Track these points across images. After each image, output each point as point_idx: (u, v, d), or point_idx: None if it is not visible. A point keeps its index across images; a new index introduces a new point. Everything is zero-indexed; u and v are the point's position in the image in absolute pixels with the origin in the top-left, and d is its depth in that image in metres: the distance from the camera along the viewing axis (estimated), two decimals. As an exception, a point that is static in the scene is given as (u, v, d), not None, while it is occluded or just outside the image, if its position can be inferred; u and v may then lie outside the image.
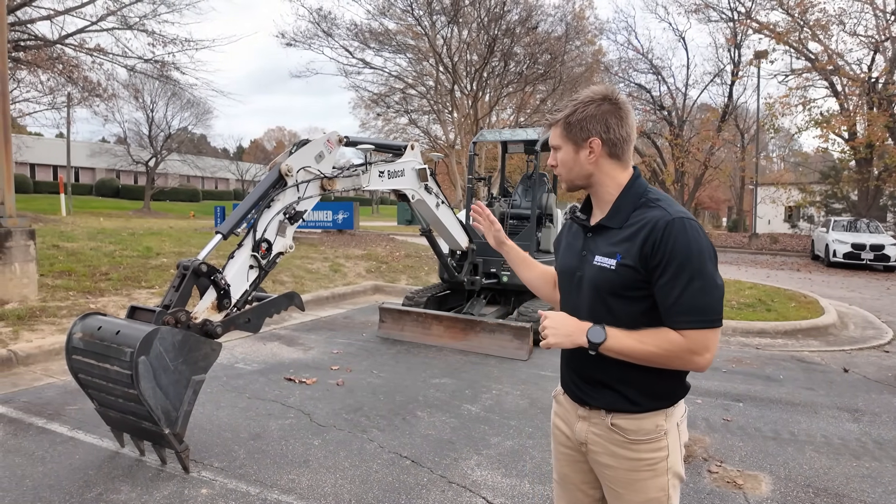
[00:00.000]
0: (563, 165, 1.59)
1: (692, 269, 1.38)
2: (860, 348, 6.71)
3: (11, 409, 4.06)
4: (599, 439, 1.56)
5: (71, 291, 7.25)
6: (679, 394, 1.56)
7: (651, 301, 1.45)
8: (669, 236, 1.39)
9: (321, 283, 9.51)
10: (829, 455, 3.70)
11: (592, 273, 1.51)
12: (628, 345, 1.43)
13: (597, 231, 1.56)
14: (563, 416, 1.70)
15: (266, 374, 5.09)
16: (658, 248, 1.40)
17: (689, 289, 1.38)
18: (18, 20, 17.12)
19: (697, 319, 1.38)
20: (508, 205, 7.76)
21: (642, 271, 1.43)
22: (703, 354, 1.40)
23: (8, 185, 6.76)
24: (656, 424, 1.51)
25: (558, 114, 1.58)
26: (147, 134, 37.47)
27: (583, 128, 1.52)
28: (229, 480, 3.15)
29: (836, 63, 21.06)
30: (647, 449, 1.52)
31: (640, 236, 1.43)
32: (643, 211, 1.48)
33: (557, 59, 24.87)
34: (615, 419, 1.53)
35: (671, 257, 1.39)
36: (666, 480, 1.53)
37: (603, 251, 1.50)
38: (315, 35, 24.74)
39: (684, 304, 1.39)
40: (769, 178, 33.54)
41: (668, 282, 1.40)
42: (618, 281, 1.46)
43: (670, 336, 1.41)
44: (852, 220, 18.71)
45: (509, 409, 4.37)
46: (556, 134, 1.58)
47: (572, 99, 1.57)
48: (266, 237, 3.78)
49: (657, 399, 1.52)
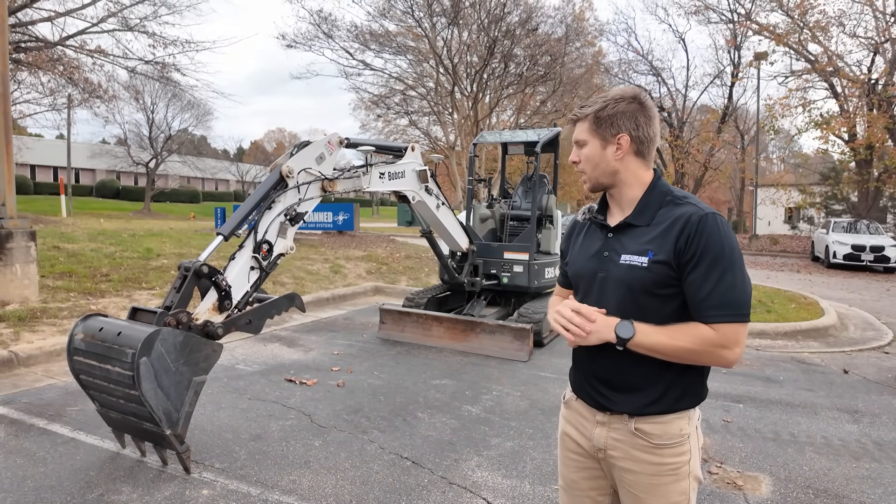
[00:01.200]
0: (588, 161, 1.55)
1: (724, 263, 1.39)
2: (860, 349, 6.71)
3: (13, 410, 4.06)
4: (621, 444, 1.53)
5: (72, 292, 7.26)
6: (703, 393, 1.55)
7: (681, 299, 1.45)
8: (703, 231, 1.40)
9: (322, 285, 9.52)
10: (829, 456, 3.71)
11: (621, 272, 1.49)
12: (658, 340, 1.41)
13: (620, 230, 1.54)
14: (575, 423, 1.65)
15: (267, 375, 5.10)
16: (692, 242, 1.40)
17: (721, 282, 1.38)
18: (19, 21, 17.14)
19: (729, 313, 1.38)
20: (509, 206, 7.77)
21: (675, 267, 1.42)
22: (734, 349, 1.40)
23: (9, 186, 6.77)
24: (680, 428, 1.50)
25: (587, 109, 1.55)
26: (147, 135, 37.50)
27: (613, 123, 1.52)
28: (230, 481, 3.15)
29: (836, 64, 21.07)
30: (671, 454, 1.50)
31: (674, 231, 1.43)
32: (671, 208, 1.48)
33: (557, 61, 24.90)
34: (639, 423, 1.51)
35: (705, 251, 1.39)
36: (687, 484, 1.52)
37: (631, 249, 1.48)
38: (315, 36, 24.77)
39: (717, 297, 1.39)
40: (769, 179, 33.58)
41: (701, 275, 1.40)
42: (650, 278, 1.44)
43: (701, 330, 1.40)
44: (852, 222, 18.70)
45: (510, 411, 4.38)
46: (582, 129, 1.54)
47: (601, 96, 1.56)
48: (267, 238, 3.79)
49: (684, 400, 1.51)
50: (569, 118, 1.59)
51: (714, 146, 27.40)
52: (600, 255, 1.55)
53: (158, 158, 37.84)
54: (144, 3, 18.59)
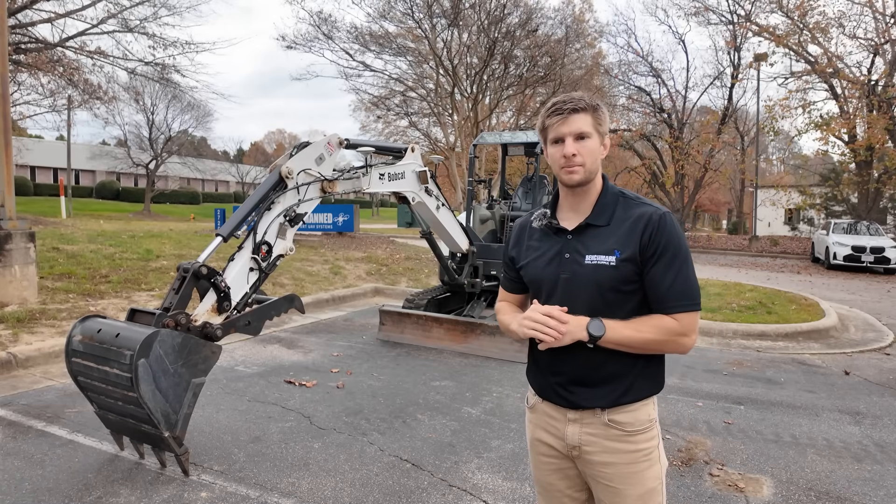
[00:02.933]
0: (591, 154, 1.53)
1: (682, 257, 1.50)
2: (861, 351, 6.69)
3: (11, 412, 4.05)
4: (595, 438, 1.57)
5: (71, 294, 7.24)
6: (663, 379, 1.64)
7: (641, 294, 1.53)
8: (664, 228, 1.50)
9: (321, 286, 9.51)
10: (831, 458, 3.69)
11: (587, 272, 1.52)
12: (626, 334, 1.49)
13: (581, 231, 1.57)
14: (544, 426, 1.68)
15: (266, 376, 5.08)
16: (654, 238, 1.49)
17: (679, 275, 1.49)
18: (19, 23, 17.14)
19: (688, 303, 1.49)
20: (509, 207, 7.76)
21: (639, 263, 1.50)
22: (691, 336, 1.51)
23: (8, 187, 6.76)
24: (648, 414, 1.58)
25: (584, 100, 1.53)
26: (147, 136, 37.50)
27: (604, 122, 1.56)
28: (229, 483, 3.14)
29: (836, 66, 21.06)
30: (644, 439, 1.57)
31: (638, 229, 1.51)
32: (627, 208, 1.56)
33: (557, 62, 24.92)
34: (612, 415, 1.56)
35: (666, 247, 1.49)
36: (660, 468, 1.60)
37: (596, 249, 1.53)
38: (315, 38, 24.80)
39: (678, 289, 1.49)
40: (769, 180, 33.59)
41: (664, 269, 1.49)
42: (617, 276, 1.50)
43: (664, 321, 1.49)
44: (852, 223, 18.68)
45: (510, 412, 4.36)
46: (586, 121, 1.51)
47: (576, 94, 1.56)
48: (266, 239, 3.78)
49: (649, 387, 1.59)
50: (562, 108, 1.51)
51: (714, 147, 27.36)
52: (560, 257, 1.58)
53: (158, 160, 37.83)
54: (144, 5, 18.61)
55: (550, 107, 1.55)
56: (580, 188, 1.57)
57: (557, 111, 1.52)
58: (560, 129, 1.52)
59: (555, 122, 1.53)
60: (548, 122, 1.55)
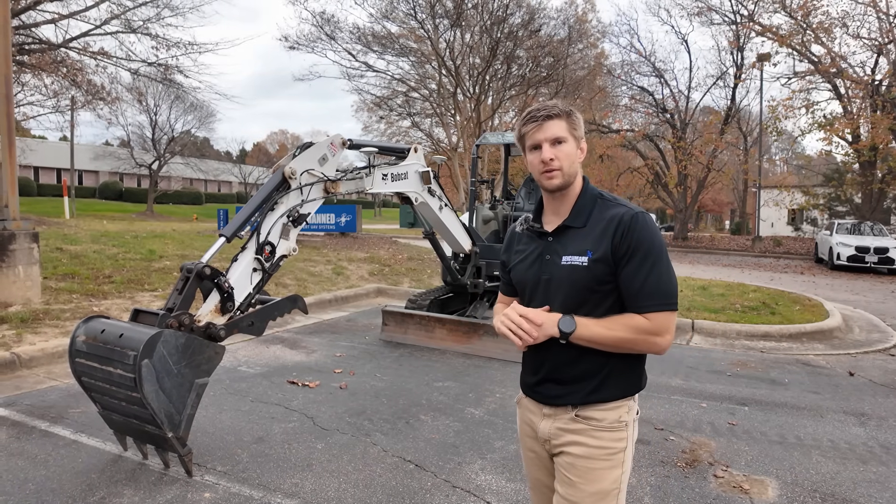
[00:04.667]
0: (567, 158, 1.58)
1: (654, 256, 1.51)
2: (865, 352, 6.67)
3: (14, 412, 4.05)
4: (563, 432, 1.61)
5: (74, 294, 7.26)
6: (642, 383, 1.65)
7: (618, 294, 1.55)
8: (635, 228, 1.51)
9: (324, 286, 9.51)
10: (836, 460, 3.67)
11: (563, 273, 1.57)
12: (597, 332, 1.51)
13: (560, 233, 1.62)
14: (527, 420, 1.74)
15: (269, 377, 5.08)
16: (625, 238, 1.51)
17: (652, 274, 1.50)
18: (23, 24, 17.19)
19: (661, 302, 1.50)
20: (511, 207, 7.75)
21: (612, 264, 1.52)
22: (665, 336, 1.51)
23: (12, 188, 6.77)
24: (619, 416, 1.59)
25: (557, 107, 1.57)
26: (150, 137, 37.59)
27: (579, 127, 1.60)
28: (232, 484, 3.14)
29: (840, 66, 21.00)
30: (609, 437, 1.58)
31: (610, 230, 1.53)
32: (603, 210, 1.59)
33: (560, 63, 24.89)
34: (581, 411, 1.59)
35: (637, 246, 1.51)
36: (620, 473, 1.59)
37: (571, 250, 1.57)
38: (318, 38, 24.80)
39: (650, 288, 1.50)
40: (772, 180, 33.51)
41: (635, 269, 1.51)
42: (590, 276, 1.53)
43: (636, 320, 1.51)
44: (856, 223, 18.64)
45: (513, 413, 4.33)
46: (561, 126, 1.56)
47: (550, 103, 1.61)
48: (269, 240, 3.78)
49: (623, 387, 1.60)
50: (537, 116, 1.57)
51: (717, 148, 27.31)
52: (542, 259, 1.63)
53: (161, 160, 37.92)
54: (148, 6, 18.65)
55: (526, 115, 1.60)
56: (560, 192, 1.61)
57: (532, 119, 1.57)
58: (536, 136, 1.57)
59: (531, 129, 1.57)
60: (524, 129, 1.59)
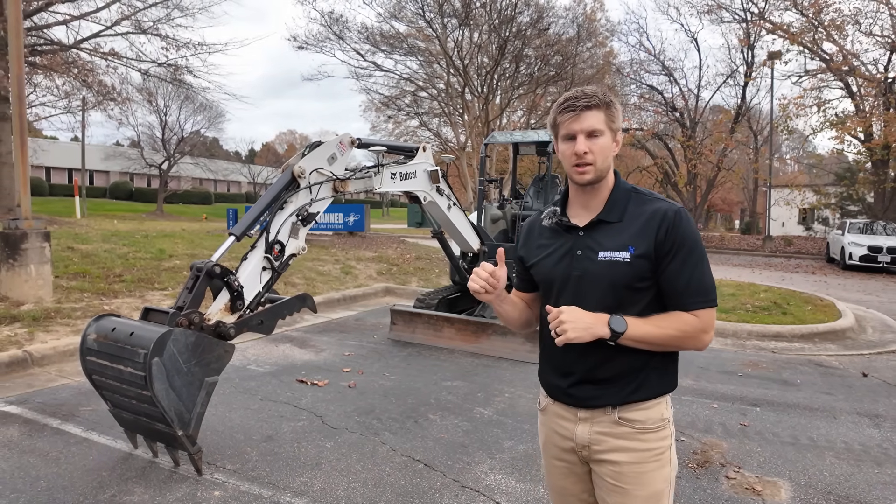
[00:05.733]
0: (602, 152, 1.49)
1: (698, 253, 1.49)
2: (879, 352, 6.59)
3: (26, 410, 4.08)
4: (604, 437, 1.54)
5: (85, 293, 7.31)
6: (676, 380, 1.60)
7: (654, 292, 1.50)
8: (679, 224, 1.47)
9: (332, 286, 9.52)
10: (850, 461, 3.63)
11: (601, 269, 1.49)
12: (648, 331, 1.46)
13: (592, 228, 1.54)
14: (555, 427, 1.64)
15: (278, 375, 5.09)
16: (670, 234, 1.47)
17: (697, 271, 1.48)
18: (35, 25, 17.36)
19: (707, 299, 1.48)
20: (520, 206, 7.72)
21: (653, 260, 1.47)
22: (710, 332, 1.49)
23: (24, 188, 6.83)
24: (661, 413, 1.55)
25: (597, 96, 1.48)
26: (160, 137, 37.83)
27: (617, 118, 1.52)
28: (242, 482, 3.14)
29: (852, 63, 20.78)
30: (655, 438, 1.53)
31: (653, 225, 1.48)
32: (640, 204, 1.53)
33: (569, 61, 24.83)
34: (623, 413, 1.53)
35: (682, 243, 1.47)
36: (669, 471, 1.55)
37: (609, 246, 1.50)
38: (327, 38, 24.91)
39: (696, 285, 1.47)
40: (783, 180, 33.24)
41: (680, 266, 1.47)
42: (632, 273, 1.47)
43: (685, 318, 1.47)
44: (868, 223, 18.43)
45: (522, 413, 4.33)
46: (598, 118, 1.48)
47: (588, 88, 1.52)
48: (279, 239, 3.78)
49: (662, 384, 1.56)
50: (575, 105, 1.47)
51: (727, 146, 27.14)
52: (573, 254, 1.55)
53: (171, 160, 38.14)
54: (158, 6, 18.77)
55: (562, 102, 1.51)
56: (591, 186, 1.54)
57: (569, 108, 1.48)
58: (571, 127, 1.48)
59: (566, 119, 1.49)
60: (559, 118, 1.51)
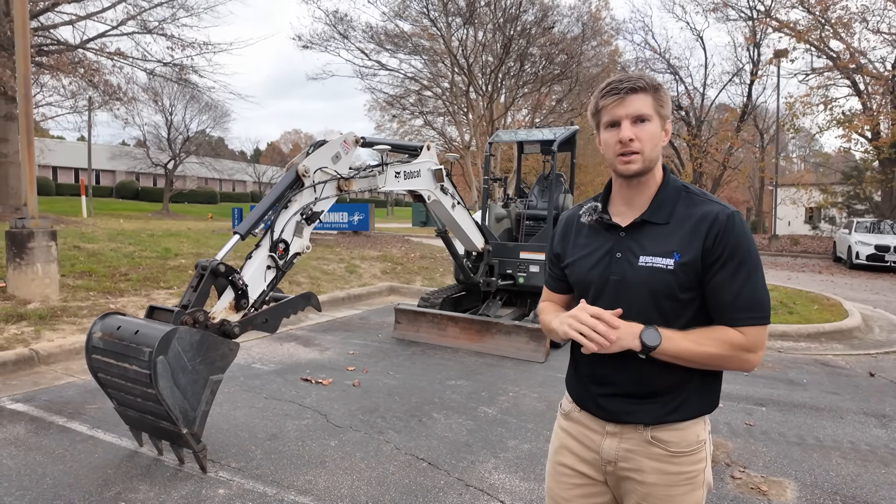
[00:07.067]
0: (651, 140, 1.35)
1: (751, 263, 1.34)
2: (886, 352, 6.54)
3: (33, 408, 4.11)
4: (634, 455, 1.43)
5: (91, 291, 7.34)
6: (718, 398, 1.48)
7: (699, 303, 1.37)
8: (732, 230, 1.33)
9: (337, 284, 9.53)
10: (857, 462, 3.60)
11: (641, 275, 1.36)
12: (685, 346, 1.32)
13: (635, 229, 1.41)
14: (578, 436, 1.52)
15: (283, 374, 5.10)
16: (720, 241, 1.33)
17: (748, 284, 1.33)
18: (41, 25, 17.44)
19: (757, 315, 1.33)
20: (525, 205, 7.71)
21: (700, 269, 1.34)
22: (758, 352, 1.34)
23: (31, 187, 6.86)
24: (697, 434, 1.42)
25: (644, 79, 1.36)
26: (166, 137, 37.98)
27: (667, 105, 1.38)
28: (246, 481, 3.15)
29: (859, 61, 20.63)
30: (689, 461, 1.42)
31: (702, 230, 1.34)
32: (690, 205, 1.39)
33: (573, 60, 24.75)
34: (656, 432, 1.41)
35: (733, 251, 1.33)
36: (702, 494, 1.45)
37: (652, 251, 1.37)
38: (331, 37, 24.90)
39: (745, 299, 1.33)
40: (789, 178, 33.02)
41: (730, 276, 1.33)
42: (675, 282, 1.34)
43: (729, 334, 1.33)
44: (876, 222, 18.31)
45: (527, 412, 4.32)
46: (646, 102, 1.34)
47: (641, 74, 1.42)
48: (283, 238, 3.78)
49: (702, 406, 1.43)
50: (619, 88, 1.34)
51: (733, 145, 27.00)
52: (612, 256, 1.42)
53: (177, 160, 38.29)
54: (163, 6, 18.84)
55: (605, 86, 1.38)
56: (637, 179, 1.39)
57: (613, 90, 1.35)
58: (616, 112, 1.34)
59: (610, 104, 1.35)
60: (602, 102, 1.37)
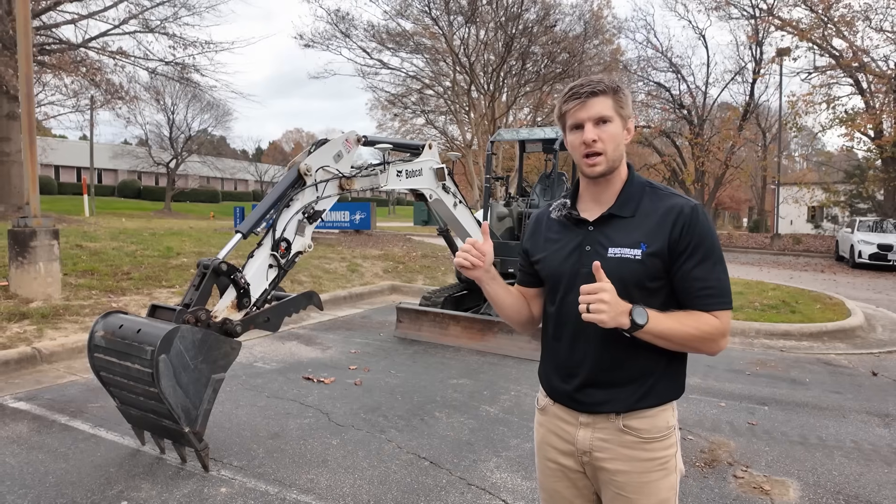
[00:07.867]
0: (612, 140, 1.42)
1: (716, 253, 1.43)
2: (889, 351, 6.53)
3: (35, 407, 4.11)
4: (607, 444, 1.48)
5: (93, 290, 7.35)
6: (684, 383, 1.54)
7: (667, 291, 1.44)
8: (696, 221, 1.41)
9: (339, 283, 9.54)
10: (860, 461, 3.59)
11: (611, 266, 1.41)
12: (669, 325, 1.37)
13: (603, 223, 1.47)
14: (554, 429, 1.58)
15: (285, 373, 5.11)
16: (686, 232, 1.40)
17: (715, 271, 1.41)
18: (44, 24, 17.46)
19: (725, 301, 1.41)
20: (526, 204, 7.70)
21: (667, 259, 1.41)
22: (727, 336, 1.43)
23: (33, 186, 6.87)
24: (667, 420, 1.49)
25: (603, 82, 1.42)
26: (168, 136, 38.08)
27: (627, 105, 1.44)
28: (248, 479, 3.15)
29: (862, 60, 20.57)
30: (660, 447, 1.48)
31: (668, 222, 1.41)
32: (655, 199, 1.46)
33: (575, 58, 24.73)
34: (627, 420, 1.46)
35: (700, 241, 1.40)
36: (675, 478, 1.51)
37: (620, 242, 1.44)
38: (333, 36, 24.94)
39: (714, 286, 1.41)
40: (791, 177, 32.93)
41: (698, 265, 1.41)
42: (643, 271, 1.41)
43: (707, 318, 1.40)
44: (878, 221, 18.28)
45: (528, 411, 4.32)
46: (606, 104, 1.41)
47: (595, 77, 1.47)
48: (285, 236, 3.79)
49: (670, 391, 1.50)
50: (580, 92, 1.41)
51: (735, 144, 26.94)
52: (581, 250, 1.48)
53: (179, 159, 38.37)
54: (165, 5, 18.85)
55: (568, 91, 1.45)
56: (602, 178, 1.47)
57: (575, 95, 1.42)
58: (578, 115, 1.42)
59: (572, 107, 1.42)
60: (565, 107, 1.44)
